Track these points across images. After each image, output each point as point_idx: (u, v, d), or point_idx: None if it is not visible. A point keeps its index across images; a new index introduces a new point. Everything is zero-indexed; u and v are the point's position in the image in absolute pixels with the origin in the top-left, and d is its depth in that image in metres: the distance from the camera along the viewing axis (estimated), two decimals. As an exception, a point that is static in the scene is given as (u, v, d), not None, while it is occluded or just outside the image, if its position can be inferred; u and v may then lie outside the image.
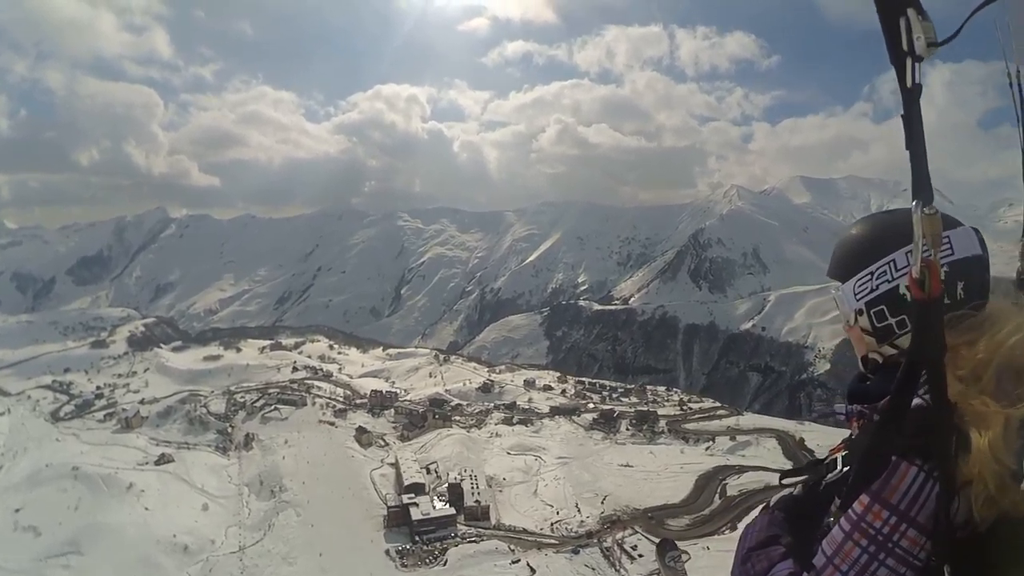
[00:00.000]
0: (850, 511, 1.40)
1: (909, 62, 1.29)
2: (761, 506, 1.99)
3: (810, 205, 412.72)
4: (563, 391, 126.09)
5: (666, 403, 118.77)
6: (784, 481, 1.97)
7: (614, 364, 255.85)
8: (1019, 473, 1.22)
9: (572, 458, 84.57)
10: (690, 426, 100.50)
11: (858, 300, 1.63)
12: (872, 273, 1.58)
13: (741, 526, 65.79)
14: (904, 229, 1.39)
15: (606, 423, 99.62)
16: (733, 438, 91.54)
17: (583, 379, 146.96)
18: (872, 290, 1.58)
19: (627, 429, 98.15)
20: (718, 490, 74.24)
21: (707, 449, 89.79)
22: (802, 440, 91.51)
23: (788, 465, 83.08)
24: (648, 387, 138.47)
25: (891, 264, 1.54)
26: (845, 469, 1.58)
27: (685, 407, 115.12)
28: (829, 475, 1.63)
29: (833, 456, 1.76)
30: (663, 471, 79.96)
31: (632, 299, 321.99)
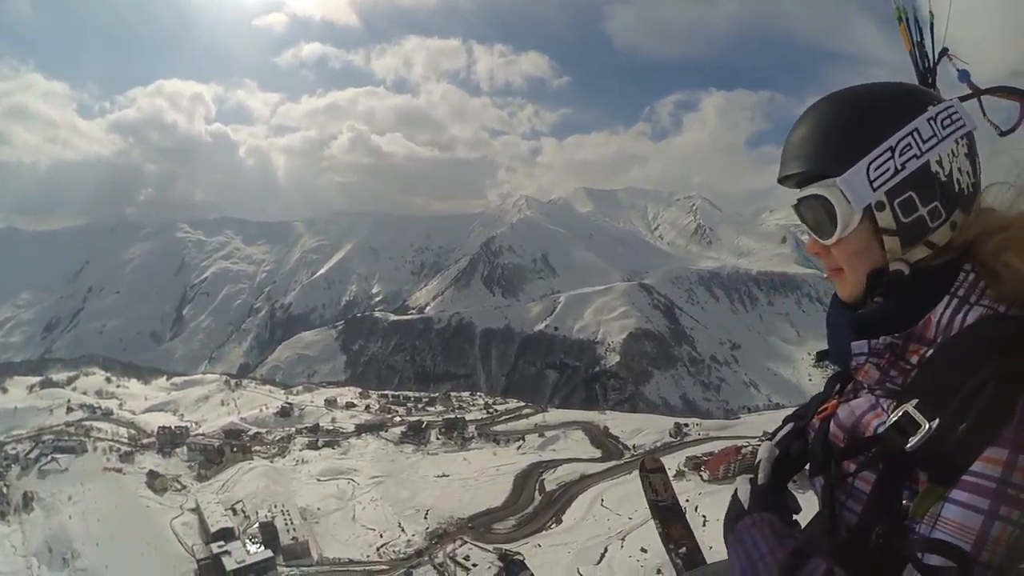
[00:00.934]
0: (975, 479, 0.95)
1: None
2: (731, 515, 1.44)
3: (593, 214, 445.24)
4: (367, 407, 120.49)
5: (472, 408, 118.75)
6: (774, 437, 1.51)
7: (415, 374, 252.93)
8: None
9: (386, 476, 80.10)
10: (499, 428, 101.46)
11: (876, 189, 1.12)
12: (893, 148, 1.11)
13: (566, 518, 67.33)
14: (915, 96, 1.18)
15: (415, 435, 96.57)
16: (542, 434, 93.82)
17: (386, 392, 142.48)
18: (896, 171, 1.11)
19: (437, 438, 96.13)
20: (537, 487, 74.68)
21: (519, 448, 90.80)
22: (606, 428, 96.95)
23: (598, 453, 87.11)
24: (452, 394, 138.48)
25: (915, 134, 1.12)
26: (927, 427, 1.00)
27: (491, 410, 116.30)
28: (914, 439, 1.01)
29: (826, 413, 1.32)
30: (480, 476, 78.79)
31: (428, 308, 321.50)
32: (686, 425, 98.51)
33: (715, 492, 62.78)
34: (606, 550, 53.89)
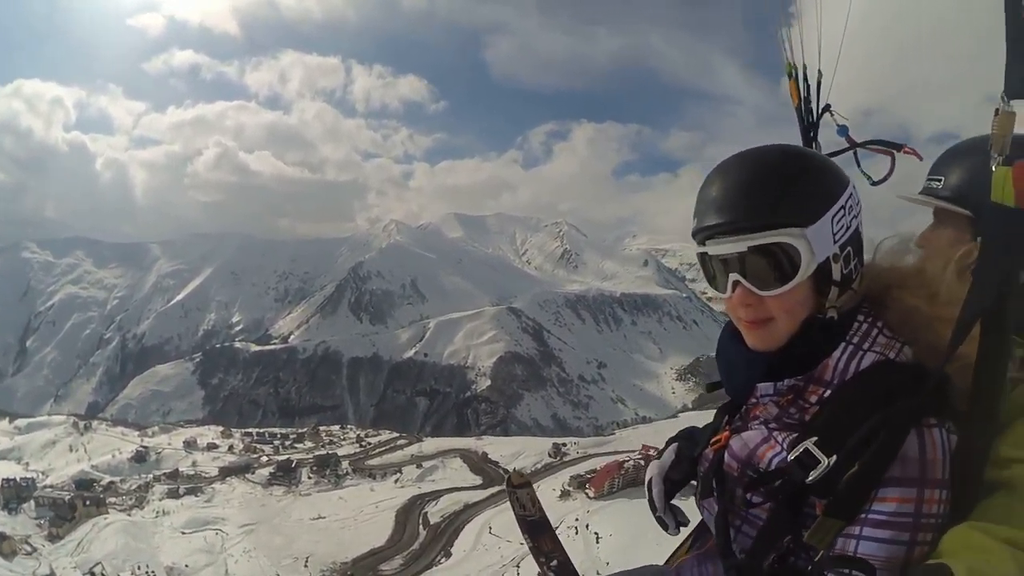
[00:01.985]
0: (888, 515, 1.09)
1: None
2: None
3: (463, 239, 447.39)
4: (230, 447, 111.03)
5: (344, 442, 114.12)
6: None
7: (279, 408, 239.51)
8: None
9: (257, 523, 73.79)
10: (374, 462, 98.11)
11: (836, 242, 1.21)
12: (844, 207, 1.22)
13: (456, 551, 65.72)
14: (831, 162, 1.30)
15: (285, 475, 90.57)
16: (419, 465, 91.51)
17: (249, 430, 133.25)
18: (847, 227, 1.22)
19: (309, 477, 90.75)
20: (420, 521, 72.49)
21: (396, 482, 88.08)
22: (485, 454, 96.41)
23: (479, 480, 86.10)
24: (321, 428, 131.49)
25: (855, 193, 1.26)
26: (829, 462, 1.11)
27: (364, 443, 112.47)
28: (814, 473, 1.12)
29: (719, 445, 1.41)
30: (359, 515, 75.25)
31: (292, 336, 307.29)
32: (564, 444, 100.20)
33: (603, 508, 64.09)
34: (502, 579, 52.47)
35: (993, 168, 1.06)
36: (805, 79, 1.82)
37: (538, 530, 2.58)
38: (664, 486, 1.58)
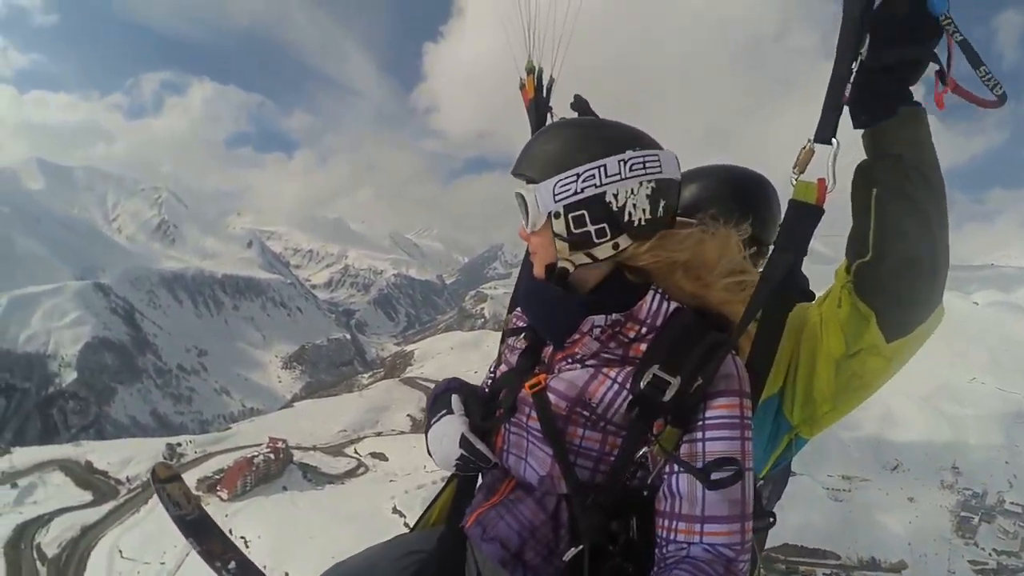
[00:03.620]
0: (723, 419, 1.35)
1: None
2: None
3: (45, 193, 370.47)
4: None
5: None
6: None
7: None
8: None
9: None
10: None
11: (557, 201, 1.41)
12: (578, 175, 1.39)
13: None
14: (620, 139, 1.42)
15: None
16: (14, 485, 78.94)
17: None
18: (576, 192, 1.40)
19: None
20: (36, 556, 63.66)
21: (-16, 507, 74.19)
22: (89, 463, 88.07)
23: (88, 495, 78.88)
24: None
25: (601, 169, 1.39)
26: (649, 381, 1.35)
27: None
28: (669, 392, 1.34)
29: (540, 387, 1.50)
30: (-60, 558, 62.49)
31: None
32: (179, 445, 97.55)
33: (242, 509, 66.22)
34: (155, 608, 51.11)
35: (793, 182, 1.42)
36: (540, 80, 2.19)
37: (202, 530, 2.40)
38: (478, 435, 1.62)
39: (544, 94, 2.21)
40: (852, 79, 1.34)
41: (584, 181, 1.39)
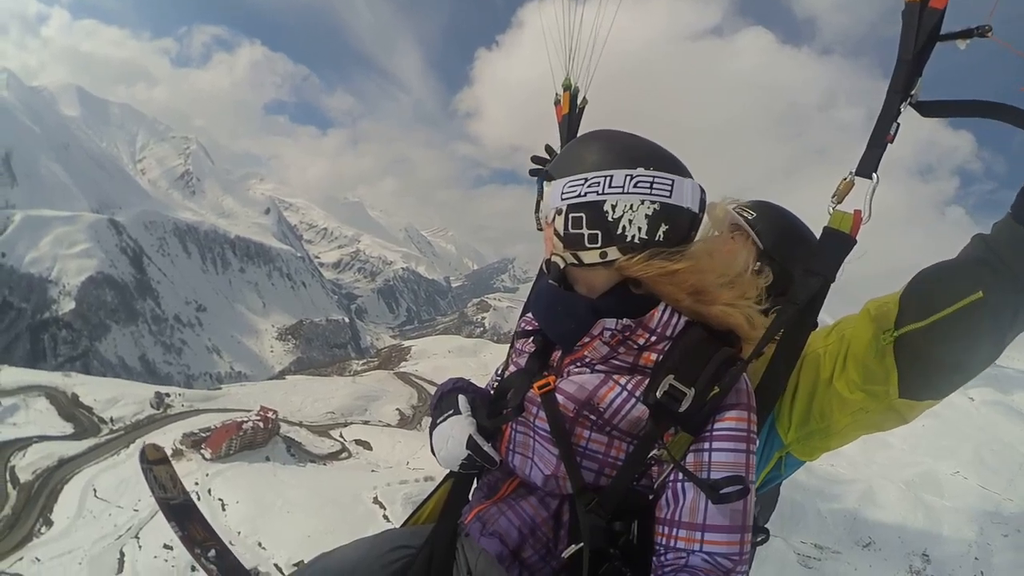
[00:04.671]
0: (731, 431, 1.37)
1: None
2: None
3: (78, 121, 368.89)
4: None
5: None
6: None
7: None
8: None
9: None
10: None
11: (563, 200, 1.49)
12: (586, 179, 1.46)
13: (57, 518, 58.23)
14: (636, 156, 1.45)
15: None
16: (-3, 401, 77.85)
17: None
18: (579, 195, 1.46)
19: None
20: (8, 477, 61.49)
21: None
22: (76, 396, 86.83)
23: (70, 428, 77.75)
24: None
25: (607, 179, 1.44)
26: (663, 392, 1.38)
27: None
28: (685, 403, 1.37)
29: (549, 388, 1.53)
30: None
31: None
32: (168, 395, 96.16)
33: (223, 471, 64.30)
34: (123, 553, 47.17)
35: (830, 211, 1.49)
36: (575, 98, 2.30)
37: (185, 515, 2.42)
38: (481, 439, 1.64)
39: (576, 111, 2.34)
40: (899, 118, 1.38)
41: (589, 186, 1.45)
